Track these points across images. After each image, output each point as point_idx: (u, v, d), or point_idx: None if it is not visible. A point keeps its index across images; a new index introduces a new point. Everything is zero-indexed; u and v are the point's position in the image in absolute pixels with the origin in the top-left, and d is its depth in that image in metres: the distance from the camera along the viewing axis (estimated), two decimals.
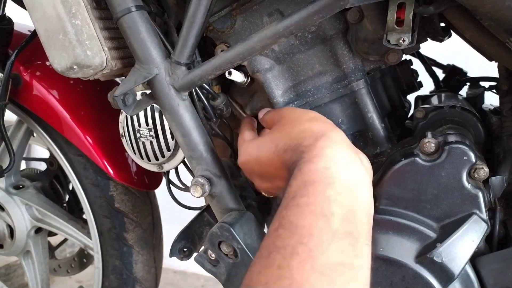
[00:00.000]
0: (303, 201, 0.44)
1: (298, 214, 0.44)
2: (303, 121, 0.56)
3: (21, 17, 0.91)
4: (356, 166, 0.49)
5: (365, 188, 0.49)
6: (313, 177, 0.46)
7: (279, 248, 0.42)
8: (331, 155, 0.48)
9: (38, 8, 0.64)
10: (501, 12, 0.50)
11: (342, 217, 0.44)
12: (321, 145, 0.49)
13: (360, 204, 0.46)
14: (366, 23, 0.65)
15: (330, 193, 0.45)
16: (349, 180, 0.47)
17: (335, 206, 0.44)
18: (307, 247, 0.41)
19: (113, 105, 0.72)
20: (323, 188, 0.45)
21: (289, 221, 0.44)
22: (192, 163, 0.70)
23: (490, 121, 0.77)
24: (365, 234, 0.45)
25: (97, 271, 1.10)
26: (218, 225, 0.64)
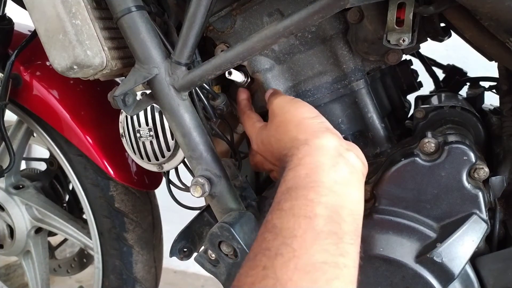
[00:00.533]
0: (287, 205, 0.46)
1: (282, 217, 0.45)
2: (293, 126, 0.58)
3: (21, 17, 0.91)
4: (340, 168, 0.51)
5: (351, 188, 0.50)
6: (295, 184, 0.48)
7: (264, 250, 0.43)
8: (311, 163, 0.51)
9: (38, 8, 0.64)
10: (501, 12, 0.50)
11: (325, 217, 0.45)
12: (302, 155, 0.52)
13: (345, 204, 0.48)
14: (366, 23, 0.65)
15: (313, 197, 0.47)
16: (332, 183, 0.49)
17: (318, 208, 0.45)
18: (291, 247, 0.42)
19: (113, 105, 0.72)
20: (306, 192, 0.47)
21: (273, 224, 0.46)
22: (192, 163, 0.70)
23: (490, 121, 0.77)
24: (350, 233, 0.46)
25: (97, 271, 1.10)
26: (218, 225, 0.64)
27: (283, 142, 0.58)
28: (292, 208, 0.46)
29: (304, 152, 0.52)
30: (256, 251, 0.45)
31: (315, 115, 0.59)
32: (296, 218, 0.45)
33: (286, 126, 0.59)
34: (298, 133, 0.56)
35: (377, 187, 0.62)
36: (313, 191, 0.47)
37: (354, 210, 0.49)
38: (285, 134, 0.58)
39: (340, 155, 0.53)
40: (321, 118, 0.60)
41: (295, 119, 0.59)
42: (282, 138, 0.58)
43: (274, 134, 0.61)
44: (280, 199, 0.48)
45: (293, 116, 0.59)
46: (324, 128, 0.56)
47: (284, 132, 0.59)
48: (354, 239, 0.47)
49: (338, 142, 0.54)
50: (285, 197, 0.48)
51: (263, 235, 0.46)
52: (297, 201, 0.47)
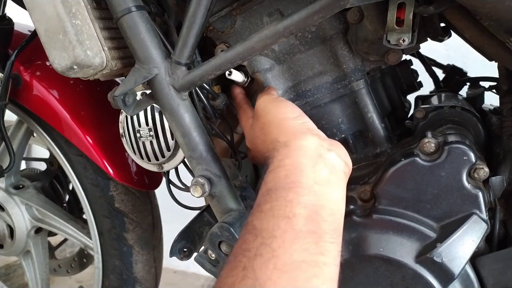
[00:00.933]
0: (266, 206, 0.47)
1: (262, 218, 0.46)
2: (274, 127, 0.59)
3: (21, 17, 0.91)
4: (320, 168, 0.51)
5: (332, 187, 0.51)
6: (275, 185, 0.49)
7: (244, 251, 0.44)
8: (291, 164, 0.51)
9: (38, 8, 0.64)
10: (501, 12, 0.50)
11: (305, 217, 0.46)
12: (282, 156, 0.53)
13: (325, 203, 0.48)
14: (366, 23, 0.65)
15: (292, 197, 0.47)
16: (312, 183, 0.49)
17: (297, 208, 0.46)
18: (270, 247, 0.43)
19: (113, 105, 0.72)
20: (285, 193, 0.48)
21: (253, 226, 0.46)
22: (192, 163, 0.70)
23: (490, 121, 0.77)
24: (330, 232, 0.47)
25: (97, 271, 1.10)
26: (218, 225, 0.64)
27: (266, 143, 0.59)
28: (272, 209, 0.47)
29: (284, 154, 0.53)
30: (237, 253, 0.45)
31: (296, 115, 0.60)
32: (275, 219, 0.46)
33: (268, 127, 0.60)
34: (278, 134, 0.57)
35: (377, 187, 0.62)
36: (292, 192, 0.48)
37: (335, 210, 0.49)
38: (267, 136, 0.59)
39: (320, 155, 0.53)
40: (303, 118, 0.60)
41: (276, 120, 0.59)
42: (265, 140, 0.59)
43: (258, 135, 0.62)
44: (260, 201, 0.49)
45: (275, 117, 0.60)
46: (305, 129, 0.57)
47: (266, 134, 0.59)
48: (335, 238, 0.47)
49: (319, 142, 0.54)
50: (265, 198, 0.49)
51: (243, 236, 0.47)
52: (276, 202, 0.47)
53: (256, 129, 0.63)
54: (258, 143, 0.62)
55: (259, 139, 0.62)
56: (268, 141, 0.59)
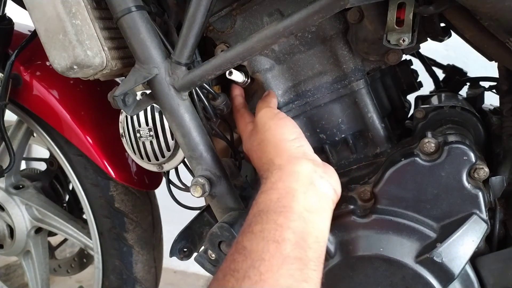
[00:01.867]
0: (257, 228, 0.48)
1: (252, 240, 0.47)
2: (271, 147, 0.60)
3: (21, 17, 0.91)
4: (311, 195, 0.53)
5: (319, 216, 0.52)
6: (267, 207, 0.50)
7: (233, 271, 0.45)
8: (283, 188, 0.53)
9: (38, 8, 0.64)
10: (501, 12, 0.50)
11: (293, 243, 0.47)
12: (275, 179, 0.54)
13: (312, 231, 0.50)
14: (366, 23, 0.65)
15: (282, 221, 0.48)
16: (302, 209, 0.51)
17: (286, 233, 0.47)
18: (259, 271, 0.44)
19: (113, 105, 0.72)
20: (276, 216, 0.49)
21: (243, 246, 0.47)
22: (192, 163, 0.70)
23: (490, 121, 0.77)
24: (314, 259, 0.48)
25: (97, 271, 1.10)
26: (218, 225, 0.64)
27: (261, 161, 0.60)
28: (262, 231, 0.48)
29: (278, 176, 0.54)
30: (225, 272, 0.46)
31: (294, 137, 0.60)
32: (265, 242, 0.47)
33: (266, 146, 0.60)
34: (275, 156, 0.58)
35: (377, 187, 0.62)
36: (283, 216, 0.49)
37: (320, 238, 0.51)
38: (264, 154, 0.60)
39: (311, 182, 0.54)
40: (301, 140, 0.61)
41: (274, 140, 0.60)
42: (261, 157, 0.60)
43: (255, 150, 0.62)
44: (251, 221, 0.50)
45: (273, 136, 0.60)
46: (301, 153, 0.58)
47: (263, 152, 0.60)
48: (317, 266, 0.49)
49: (313, 168, 0.56)
50: (256, 219, 0.50)
51: (232, 255, 0.48)
52: (267, 224, 0.49)
53: (254, 143, 0.63)
54: (254, 157, 0.63)
55: (255, 153, 0.62)
56: (263, 160, 0.60)
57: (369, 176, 0.66)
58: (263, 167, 0.59)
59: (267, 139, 0.61)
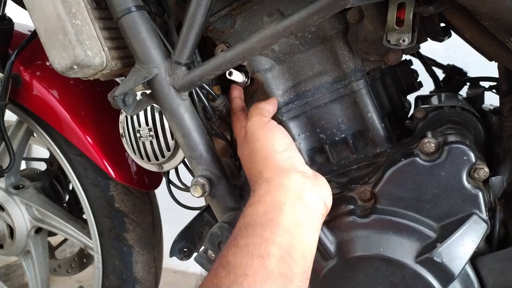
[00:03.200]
0: (243, 242, 0.47)
1: (236, 254, 0.46)
2: (261, 159, 0.59)
3: (21, 17, 0.91)
4: (298, 209, 0.52)
5: (307, 230, 0.52)
6: (253, 220, 0.49)
7: (215, 281, 0.44)
8: (271, 201, 0.52)
9: (38, 8, 0.64)
10: (501, 12, 0.50)
11: (278, 258, 0.46)
12: (263, 192, 0.53)
13: (299, 245, 0.49)
14: (366, 23, 0.65)
15: (268, 236, 0.48)
16: (289, 223, 0.50)
17: (272, 248, 0.47)
18: (241, 286, 0.43)
19: (113, 105, 0.72)
20: (262, 230, 0.48)
21: (227, 260, 0.46)
22: (192, 163, 0.70)
23: (490, 121, 0.77)
24: (299, 275, 0.48)
25: (97, 271, 1.10)
26: (218, 225, 0.64)
27: (251, 172, 0.59)
28: (247, 245, 0.47)
29: (266, 189, 0.54)
30: (208, 286, 0.46)
31: (284, 148, 0.59)
32: (249, 257, 0.46)
33: (255, 156, 0.59)
34: (263, 168, 0.57)
35: (377, 187, 0.62)
36: (269, 230, 0.48)
37: (306, 253, 0.50)
38: (253, 165, 0.59)
39: (300, 196, 0.53)
40: (291, 152, 0.60)
41: (263, 152, 0.59)
42: (250, 167, 0.60)
43: (246, 159, 0.62)
44: (237, 235, 0.49)
45: (262, 147, 0.59)
46: (290, 165, 0.57)
47: (252, 162, 0.59)
48: (303, 282, 0.48)
49: (301, 181, 0.55)
50: (241, 233, 0.49)
51: (216, 270, 0.47)
52: (252, 238, 0.48)
53: (245, 151, 0.62)
54: (245, 167, 0.62)
55: (246, 162, 0.62)
56: (252, 171, 0.59)
57: (369, 176, 0.66)
58: (252, 179, 0.58)
59: (257, 150, 0.59)
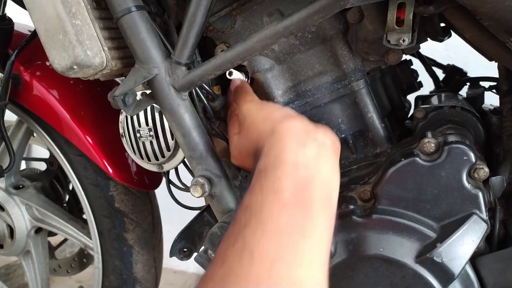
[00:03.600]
0: (257, 185, 0.49)
1: (251, 196, 0.48)
2: (260, 121, 0.59)
3: (21, 17, 0.91)
4: (308, 144, 0.52)
5: (321, 161, 0.52)
6: (265, 166, 0.50)
7: (235, 223, 0.46)
8: (279, 146, 0.52)
9: (38, 8, 0.64)
10: (501, 12, 0.50)
11: (293, 190, 0.47)
12: (271, 143, 0.53)
13: (315, 176, 0.49)
14: (366, 23, 0.65)
15: (280, 174, 0.49)
16: (301, 158, 0.50)
17: (285, 182, 0.47)
18: (259, 217, 0.45)
19: (113, 105, 0.72)
20: (274, 171, 0.49)
21: (243, 204, 0.48)
22: (192, 163, 0.70)
23: (490, 121, 0.77)
24: (319, 202, 0.48)
25: (97, 271, 1.10)
26: (218, 225, 0.64)
27: (254, 140, 0.58)
28: (261, 186, 0.48)
29: (273, 140, 0.54)
30: (230, 227, 0.48)
31: (280, 107, 0.62)
32: (264, 194, 0.47)
33: (255, 124, 0.60)
34: (264, 125, 0.57)
35: (377, 187, 0.62)
36: (281, 169, 0.49)
37: (325, 181, 0.50)
38: (254, 131, 0.59)
39: (307, 134, 0.54)
40: (288, 109, 0.61)
41: (261, 115, 0.60)
42: (252, 138, 0.59)
43: (245, 136, 0.61)
44: (252, 182, 0.50)
45: (259, 113, 0.61)
46: (289, 115, 0.58)
47: (253, 131, 0.60)
48: (324, 209, 0.48)
49: (304, 123, 0.55)
50: (255, 179, 0.50)
51: (236, 216, 0.48)
52: (266, 180, 0.49)
53: (243, 133, 0.62)
54: (249, 147, 0.61)
55: (246, 140, 0.61)
56: (255, 137, 0.58)
57: (369, 176, 0.66)
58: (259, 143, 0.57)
59: (254, 118, 0.60)
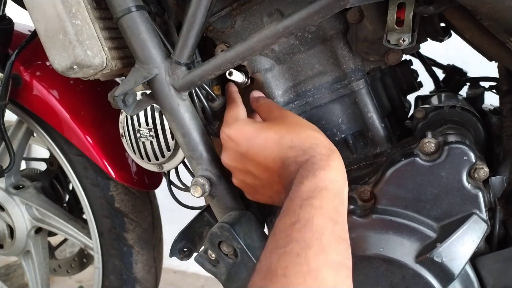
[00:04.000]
0: (317, 203, 0.48)
1: (313, 214, 0.48)
2: (310, 128, 0.59)
3: (21, 17, 0.91)
4: (346, 185, 0.54)
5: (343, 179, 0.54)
6: (325, 185, 0.50)
7: (298, 241, 0.46)
8: (339, 172, 0.53)
9: (38, 8, 0.64)
10: (501, 12, 0.50)
11: (342, 225, 0.49)
12: (333, 159, 0.54)
13: (346, 215, 0.52)
14: (366, 23, 0.65)
15: (336, 203, 0.50)
16: (345, 196, 0.53)
17: (338, 216, 0.49)
18: (321, 243, 0.45)
19: (113, 105, 0.72)
20: (333, 197, 0.50)
21: (305, 218, 0.48)
22: (192, 163, 0.70)
23: (490, 121, 0.77)
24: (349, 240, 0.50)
25: (97, 271, 1.10)
26: (218, 225, 0.64)
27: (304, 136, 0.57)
28: (321, 208, 0.49)
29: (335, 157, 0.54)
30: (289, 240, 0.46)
31: None
32: (324, 218, 0.48)
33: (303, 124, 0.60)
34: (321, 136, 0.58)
35: (377, 187, 0.62)
36: (337, 199, 0.51)
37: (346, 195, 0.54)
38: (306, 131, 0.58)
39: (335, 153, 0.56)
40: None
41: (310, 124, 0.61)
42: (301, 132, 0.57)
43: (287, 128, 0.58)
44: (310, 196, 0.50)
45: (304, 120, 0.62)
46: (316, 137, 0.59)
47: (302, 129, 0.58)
48: None
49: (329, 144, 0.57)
50: (315, 194, 0.50)
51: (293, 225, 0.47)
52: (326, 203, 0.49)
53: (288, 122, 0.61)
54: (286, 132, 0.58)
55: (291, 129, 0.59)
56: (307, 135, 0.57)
57: (369, 176, 0.66)
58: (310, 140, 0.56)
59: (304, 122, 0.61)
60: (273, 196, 0.61)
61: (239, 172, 0.63)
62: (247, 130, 0.60)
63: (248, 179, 0.62)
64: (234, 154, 0.61)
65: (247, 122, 0.62)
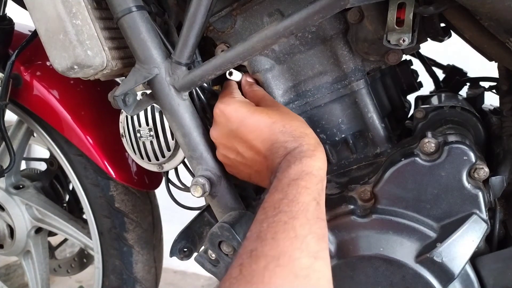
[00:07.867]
0: (303, 183, 0.54)
1: (299, 192, 0.52)
2: (301, 120, 0.64)
3: (21, 17, 0.91)
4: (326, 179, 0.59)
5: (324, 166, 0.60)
6: (311, 170, 0.55)
7: (285, 212, 0.50)
8: (323, 163, 0.58)
9: (39, 8, 0.64)
10: (501, 12, 0.50)
11: (322, 208, 0.54)
12: (320, 151, 0.59)
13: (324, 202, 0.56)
14: (366, 23, 0.65)
15: (319, 188, 0.55)
16: (324, 186, 0.57)
17: (320, 199, 0.54)
18: (306, 216, 0.50)
19: (113, 105, 0.72)
20: (317, 181, 0.55)
21: (292, 194, 0.52)
22: (192, 163, 0.70)
23: (490, 121, 0.77)
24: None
25: (97, 271, 1.10)
26: (218, 225, 0.64)
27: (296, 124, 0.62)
28: (307, 188, 0.53)
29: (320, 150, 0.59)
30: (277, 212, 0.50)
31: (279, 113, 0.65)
32: (309, 197, 0.52)
33: (295, 117, 0.64)
34: (311, 131, 0.62)
35: (377, 187, 0.62)
36: (320, 183, 0.55)
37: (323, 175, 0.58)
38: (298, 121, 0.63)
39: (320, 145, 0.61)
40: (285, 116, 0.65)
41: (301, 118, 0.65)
42: (293, 120, 0.62)
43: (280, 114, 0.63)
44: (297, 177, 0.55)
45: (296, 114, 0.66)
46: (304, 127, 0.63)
47: (294, 118, 0.63)
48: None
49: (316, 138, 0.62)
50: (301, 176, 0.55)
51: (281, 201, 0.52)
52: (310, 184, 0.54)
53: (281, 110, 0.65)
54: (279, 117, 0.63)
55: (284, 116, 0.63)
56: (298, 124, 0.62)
57: (369, 176, 0.66)
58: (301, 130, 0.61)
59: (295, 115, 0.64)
60: (252, 175, 0.66)
61: (223, 147, 0.66)
62: (241, 110, 0.64)
63: (232, 155, 0.66)
64: (224, 130, 0.65)
65: (242, 103, 0.65)
